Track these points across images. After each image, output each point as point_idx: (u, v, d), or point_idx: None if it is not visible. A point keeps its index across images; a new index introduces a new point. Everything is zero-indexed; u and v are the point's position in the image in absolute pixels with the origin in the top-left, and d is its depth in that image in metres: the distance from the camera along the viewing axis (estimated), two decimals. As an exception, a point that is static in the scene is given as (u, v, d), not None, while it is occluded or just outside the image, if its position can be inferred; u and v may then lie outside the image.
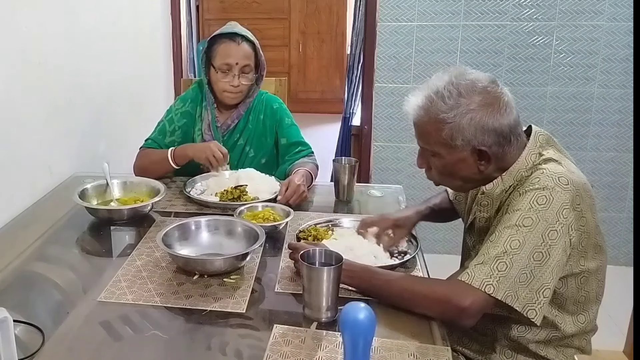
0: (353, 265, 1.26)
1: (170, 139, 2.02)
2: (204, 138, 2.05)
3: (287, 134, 2.06)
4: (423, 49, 2.96)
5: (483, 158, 1.25)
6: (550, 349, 1.33)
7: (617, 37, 2.82)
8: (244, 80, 1.96)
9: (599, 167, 2.98)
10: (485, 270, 1.16)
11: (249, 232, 1.45)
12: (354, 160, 1.86)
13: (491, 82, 1.24)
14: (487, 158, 1.25)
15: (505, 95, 1.24)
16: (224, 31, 1.97)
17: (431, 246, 3.09)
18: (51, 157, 2.05)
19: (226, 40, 1.95)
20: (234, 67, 1.94)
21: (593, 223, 1.25)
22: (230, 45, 1.94)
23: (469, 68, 1.28)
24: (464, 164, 1.27)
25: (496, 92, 1.23)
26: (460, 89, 1.22)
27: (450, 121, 1.22)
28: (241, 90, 1.98)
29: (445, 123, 1.22)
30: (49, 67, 2.00)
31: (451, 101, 1.21)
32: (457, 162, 1.27)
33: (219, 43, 1.96)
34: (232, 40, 1.95)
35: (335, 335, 1.12)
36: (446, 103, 1.22)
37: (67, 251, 1.57)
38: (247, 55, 1.96)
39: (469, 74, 1.25)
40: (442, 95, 1.22)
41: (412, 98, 1.29)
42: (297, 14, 6.02)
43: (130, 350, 1.12)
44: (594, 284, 1.31)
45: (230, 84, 1.95)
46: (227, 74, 1.95)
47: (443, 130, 1.23)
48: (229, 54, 1.94)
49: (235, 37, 1.95)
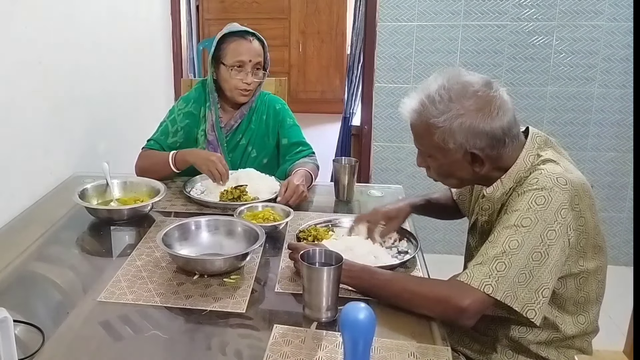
0: (353, 265, 1.26)
1: (173, 140, 2.01)
2: (207, 138, 2.04)
3: (289, 134, 2.06)
4: (423, 49, 2.96)
5: (476, 160, 1.26)
6: (552, 350, 1.33)
7: (617, 37, 2.82)
8: (256, 77, 1.97)
9: (599, 167, 2.98)
10: (484, 270, 1.16)
11: (249, 232, 1.45)
12: (354, 160, 1.86)
13: (484, 85, 1.24)
14: (481, 161, 1.26)
15: (498, 98, 1.23)
16: (233, 29, 1.96)
17: (431, 246, 3.09)
18: (51, 157, 2.05)
19: (237, 38, 1.95)
20: (247, 64, 1.94)
21: (592, 223, 1.26)
22: (243, 42, 1.94)
23: (464, 70, 1.28)
24: (459, 165, 1.28)
25: (488, 95, 1.22)
26: (451, 93, 1.22)
27: (441, 125, 1.22)
28: (252, 88, 1.99)
29: (436, 127, 1.23)
30: (49, 67, 2.00)
31: (442, 106, 1.22)
32: (451, 163, 1.28)
33: (230, 41, 1.95)
34: (244, 38, 1.95)
35: (335, 335, 1.12)
36: (437, 108, 1.22)
37: (67, 251, 1.57)
38: (259, 53, 1.96)
39: (463, 76, 1.25)
40: (434, 100, 1.23)
41: (407, 101, 1.30)
42: (297, 14, 6.02)
43: (130, 350, 1.12)
44: (593, 284, 1.31)
45: (244, 82, 1.95)
46: (240, 71, 1.94)
47: (435, 134, 1.24)
48: (242, 51, 1.94)
49: (247, 35, 1.96)
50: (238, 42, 1.95)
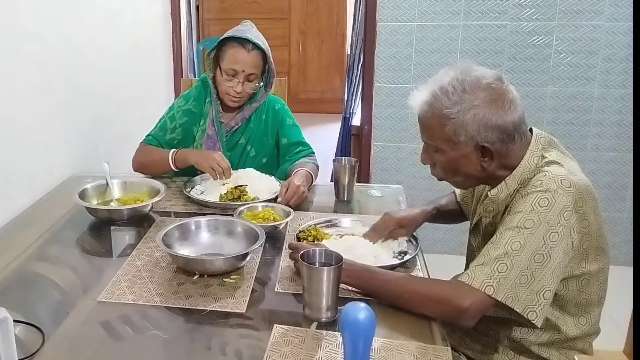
0: (353, 265, 1.26)
1: (171, 136, 2.01)
2: (207, 132, 2.04)
3: (288, 134, 2.06)
4: (423, 49, 2.96)
5: (486, 155, 1.25)
6: (553, 351, 1.33)
7: (617, 37, 2.82)
8: (247, 87, 1.95)
9: (599, 167, 2.98)
10: (485, 271, 1.16)
11: (249, 232, 1.45)
12: (354, 160, 1.85)
13: (497, 79, 1.24)
14: (490, 155, 1.25)
15: (510, 92, 1.24)
16: (237, 34, 1.93)
17: (431, 246, 3.09)
18: (51, 157, 2.05)
19: (237, 45, 1.92)
20: (240, 73, 1.92)
21: (595, 225, 1.25)
22: (240, 51, 1.91)
23: (475, 65, 1.28)
24: (467, 160, 1.27)
25: (501, 88, 1.23)
26: (464, 85, 1.22)
27: (453, 117, 1.22)
28: (243, 96, 1.97)
29: (448, 119, 1.22)
30: (49, 67, 2.00)
31: (455, 97, 1.22)
32: (460, 158, 1.27)
33: (229, 46, 1.93)
34: (243, 47, 1.91)
35: (335, 335, 1.12)
36: (450, 99, 1.22)
37: (67, 251, 1.57)
38: (255, 64, 1.93)
39: (475, 70, 1.25)
40: (447, 91, 1.22)
41: (417, 93, 1.29)
42: (297, 14, 6.02)
43: (130, 350, 1.12)
44: (595, 286, 1.31)
45: (234, 89, 1.94)
46: (232, 79, 1.93)
47: (446, 126, 1.23)
48: (237, 60, 1.91)
49: (247, 43, 1.91)
50: (236, 50, 1.92)
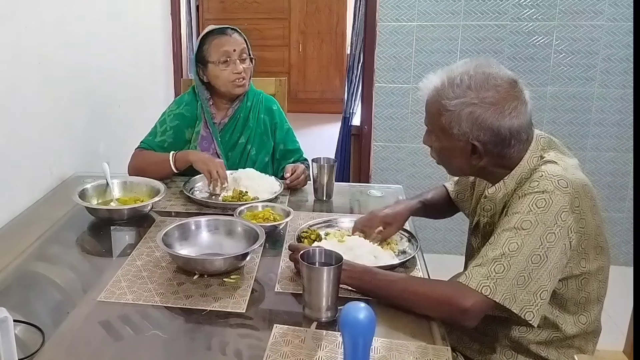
0: (353, 265, 1.26)
1: (161, 138, 2.02)
2: (201, 134, 2.05)
3: (285, 139, 2.11)
4: (423, 49, 2.96)
5: (475, 153, 1.26)
6: (552, 349, 1.33)
7: (617, 37, 2.82)
8: (244, 65, 2.00)
9: (599, 167, 2.98)
10: (482, 272, 1.16)
11: (249, 232, 1.45)
12: (333, 160, 1.87)
13: (508, 82, 1.23)
14: (479, 154, 1.25)
15: (518, 99, 1.23)
16: (212, 28, 2.02)
17: (431, 246, 3.09)
18: (51, 157, 2.05)
19: (217, 35, 2.00)
20: (233, 54, 1.97)
21: (594, 224, 1.25)
22: (223, 37, 1.99)
23: (496, 62, 1.27)
24: (458, 153, 1.28)
25: (507, 92, 1.22)
26: (472, 81, 1.22)
27: (450, 109, 1.22)
28: (245, 76, 2.00)
29: (446, 110, 1.23)
30: (48, 67, 2.00)
31: (459, 91, 1.22)
32: (451, 149, 1.28)
33: (211, 40, 2.00)
34: (224, 34, 2.00)
35: (335, 335, 1.12)
36: (454, 91, 1.22)
37: (67, 251, 1.57)
38: (241, 43, 2.01)
39: (490, 68, 1.24)
40: (453, 83, 1.23)
41: (430, 77, 1.30)
42: (297, 14, 6.02)
43: (130, 350, 1.12)
44: (595, 284, 1.31)
45: (235, 72, 1.97)
46: (228, 62, 1.97)
47: (443, 116, 1.24)
48: (224, 43, 1.98)
49: (226, 29, 2.01)
50: (219, 38, 1.99)
